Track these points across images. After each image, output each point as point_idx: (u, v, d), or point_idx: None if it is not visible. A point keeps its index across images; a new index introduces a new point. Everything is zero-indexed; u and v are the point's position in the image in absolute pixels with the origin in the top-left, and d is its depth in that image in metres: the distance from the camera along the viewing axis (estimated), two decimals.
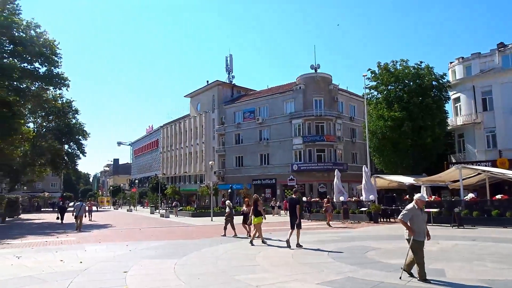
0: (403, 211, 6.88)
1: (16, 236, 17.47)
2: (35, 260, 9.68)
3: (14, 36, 27.85)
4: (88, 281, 7.10)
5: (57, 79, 30.58)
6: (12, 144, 35.14)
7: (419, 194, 7.10)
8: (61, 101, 46.81)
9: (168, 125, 70.48)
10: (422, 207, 6.92)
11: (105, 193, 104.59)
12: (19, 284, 6.89)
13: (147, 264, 8.83)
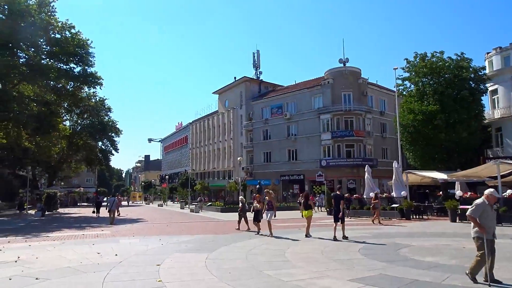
0: (471, 206, 6.32)
1: (55, 229, 18.30)
2: (73, 252, 10.11)
3: (51, 37, 28.98)
4: (123, 273, 7.34)
5: (91, 78, 31.62)
6: (51, 142, 36.75)
7: (490, 189, 6.46)
8: (95, 99, 48.54)
9: (197, 121, 71.46)
10: (493, 203, 6.37)
11: (137, 189, 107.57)
12: (61, 274, 7.22)
13: (179, 258, 9.03)
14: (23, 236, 14.93)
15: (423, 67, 30.91)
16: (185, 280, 6.70)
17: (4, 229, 18.39)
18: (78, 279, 6.85)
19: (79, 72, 31.19)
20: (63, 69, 30.40)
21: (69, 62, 30.59)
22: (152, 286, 6.26)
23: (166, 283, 6.43)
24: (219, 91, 62.74)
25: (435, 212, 23.74)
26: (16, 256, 9.41)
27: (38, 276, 6.98)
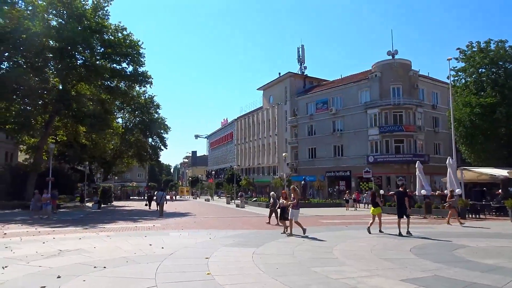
0: None
1: (110, 221, 19.37)
2: (128, 243, 10.63)
3: (105, 39, 30.55)
4: (174, 265, 7.60)
5: (141, 77, 32.98)
6: (105, 138, 38.88)
7: None
8: (145, 97, 50.63)
9: (242, 118, 72.24)
10: None
11: (184, 184, 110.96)
12: (117, 264, 7.62)
13: (226, 252, 9.20)
14: (82, 226, 15.96)
15: (484, 57, 28.92)
16: (233, 274, 6.80)
17: (66, 220, 19.80)
18: (133, 269, 7.19)
19: (130, 72, 32.63)
20: (116, 69, 31.96)
21: (122, 62, 32.09)
22: (201, 278, 6.42)
23: (215, 276, 6.57)
24: (264, 87, 62.90)
25: (494, 211, 22.25)
26: (77, 245, 10.07)
27: (97, 265, 7.41)
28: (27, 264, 7.51)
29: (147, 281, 6.15)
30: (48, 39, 28.45)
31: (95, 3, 30.22)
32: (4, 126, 33.58)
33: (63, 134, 36.66)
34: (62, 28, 28.17)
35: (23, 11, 28.47)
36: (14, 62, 30.05)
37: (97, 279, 6.32)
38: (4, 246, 9.81)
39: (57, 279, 6.26)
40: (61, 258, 8.28)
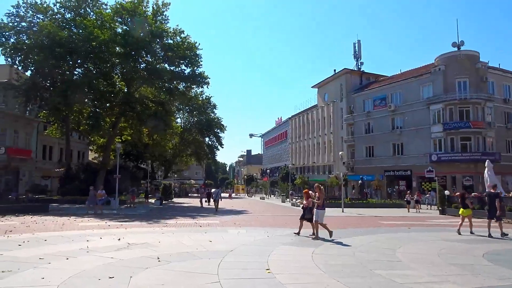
0: None
1: (172, 217, 20.26)
2: (189, 239, 11.04)
3: (165, 43, 31.98)
4: (235, 261, 7.76)
5: (199, 78, 34.05)
6: (166, 138, 40.76)
7: None
8: (202, 97, 52.27)
9: (296, 116, 71.86)
10: None
11: (239, 182, 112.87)
12: (181, 258, 7.95)
13: (285, 251, 9.21)
14: (147, 221, 16.88)
15: None
16: (293, 273, 6.79)
17: (132, 215, 21.05)
18: (196, 264, 7.45)
19: (188, 73, 33.83)
20: (175, 71, 33.32)
21: (180, 64, 33.37)
22: (262, 276, 6.48)
23: (276, 274, 6.60)
24: (318, 85, 62.02)
25: None
26: (143, 239, 10.67)
27: (163, 259, 7.78)
28: (100, 255, 8.09)
29: (210, 277, 6.34)
30: (114, 45, 30.40)
31: (155, 9, 31.72)
32: (78, 128, 36.63)
33: (128, 134, 39.00)
34: (126, 35, 29.94)
35: (93, 21, 30.69)
36: (85, 69, 32.56)
37: (164, 273, 6.64)
38: (79, 238, 10.66)
39: (127, 270, 6.68)
40: (129, 251, 8.82)
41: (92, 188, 22.83)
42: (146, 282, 5.94)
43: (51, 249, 8.71)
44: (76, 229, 13.48)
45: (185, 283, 5.93)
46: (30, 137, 41.75)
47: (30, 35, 31.27)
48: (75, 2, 32.63)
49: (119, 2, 30.84)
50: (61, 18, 32.40)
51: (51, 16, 31.87)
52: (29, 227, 13.91)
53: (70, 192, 31.81)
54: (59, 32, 29.28)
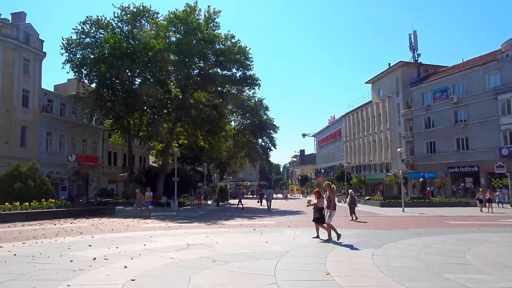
0: None
1: (228, 218, 20.65)
2: (246, 239, 11.14)
3: (216, 48, 32.78)
4: (292, 263, 7.67)
5: (250, 81, 34.47)
6: (220, 141, 41.74)
7: None
8: (254, 100, 52.82)
9: (350, 114, 70.04)
10: None
11: (294, 182, 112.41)
12: (238, 259, 8.03)
13: (343, 252, 8.95)
14: (205, 223, 17.36)
15: None
16: (353, 276, 6.56)
17: (191, 217, 21.77)
18: (253, 264, 7.48)
19: (240, 76, 34.39)
20: (227, 75, 34.03)
21: (232, 68, 34.03)
22: (321, 278, 6.33)
23: (335, 276, 6.41)
24: (372, 80, 59.91)
25: None
26: (202, 240, 10.95)
27: (220, 259, 7.91)
28: (162, 255, 8.42)
29: (267, 278, 6.32)
30: (169, 53, 31.74)
31: (207, 16, 32.61)
32: (138, 134, 38.76)
33: (184, 139, 40.48)
34: (180, 42, 31.12)
35: (149, 31, 32.30)
36: (143, 78, 34.34)
37: (222, 273, 6.74)
38: (142, 239, 11.20)
39: (187, 270, 6.87)
40: (189, 251, 9.08)
41: (138, 191, 23.38)
42: (205, 282, 6.06)
43: (117, 249, 9.23)
44: (139, 230, 14.19)
45: (242, 284, 5.96)
46: (97, 145, 44.90)
47: (93, 49, 33.69)
48: (132, 15, 34.60)
49: (172, 12, 32.12)
50: (120, 31, 34.50)
51: (111, 31, 34.06)
52: (98, 228, 14.91)
53: (134, 195, 33.65)
54: (119, 45, 31.20)
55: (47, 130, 36.78)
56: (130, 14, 34.61)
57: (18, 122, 33.04)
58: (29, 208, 19.46)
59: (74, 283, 5.92)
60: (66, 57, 33.78)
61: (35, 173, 22.80)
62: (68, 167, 38.08)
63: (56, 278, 6.19)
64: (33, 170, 22.78)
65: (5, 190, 20.98)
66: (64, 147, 39.20)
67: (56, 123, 37.88)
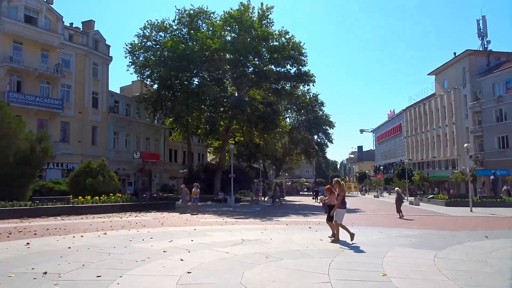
0: None
1: (284, 214, 20.68)
2: (300, 236, 11.08)
3: (271, 45, 32.91)
4: (347, 262, 7.49)
5: (305, 77, 34.18)
6: (275, 138, 41.94)
7: None
8: (309, 96, 52.27)
9: (411, 108, 66.63)
10: None
11: (351, 179, 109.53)
12: (292, 256, 8.00)
13: (402, 253, 8.55)
14: (260, 219, 17.55)
15: None
16: (412, 278, 6.24)
17: (246, 212, 22.14)
18: (307, 262, 7.42)
19: (294, 73, 34.23)
20: (281, 72, 34.04)
21: (286, 65, 33.96)
22: (377, 279, 6.11)
23: (392, 278, 6.15)
24: (436, 72, 56.39)
25: None
26: (256, 236, 11.09)
27: (274, 256, 7.95)
28: (217, 250, 8.65)
29: (320, 276, 6.23)
30: (224, 52, 32.47)
31: (260, 14, 32.83)
32: (197, 132, 40.24)
33: (240, 136, 41.22)
34: (234, 41, 31.69)
35: (205, 32, 33.28)
36: (201, 77, 35.52)
37: (276, 269, 6.76)
38: (199, 233, 11.60)
39: (241, 265, 7.00)
40: (243, 246, 9.24)
41: (184, 186, 23.69)
42: (258, 277, 6.12)
43: (176, 242, 9.66)
44: (197, 224, 14.71)
45: (295, 281, 5.94)
46: (159, 143, 47.29)
47: (154, 52, 35.49)
48: (189, 17, 35.88)
49: (227, 12, 32.80)
50: (179, 33, 35.96)
51: (171, 33, 35.63)
52: (159, 222, 15.73)
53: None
54: (178, 46, 32.55)
55: (114, 129, 39.45)
56: (188, 16, 35.91)
57: (89, 123, 35.82)
58: (99, 202, 21.04)
59: (135, 273, 6.30)
60: (130, 60, 35.99)
61: (104, 170, 24.56)
62: (133, 164, 40.55)
63: (120, 268, 6.63)
64: (102, 167, 24.55)
65: (79, 185, 22.88)
66: (129, 145, 41.82)
67: (122, 123, 40.50)
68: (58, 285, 5.44)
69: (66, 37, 34.63)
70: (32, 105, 30.41)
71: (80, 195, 21.18)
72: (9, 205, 17.29)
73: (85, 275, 6.09)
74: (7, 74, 29.79)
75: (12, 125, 20.33)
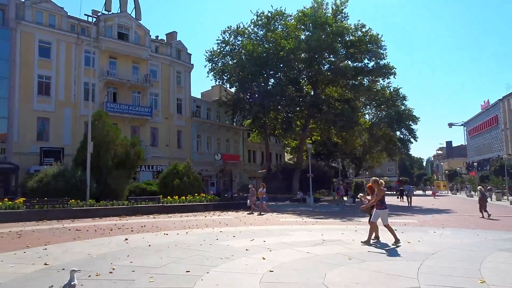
0: None
1: (363, 214, 19.87)
2: (384, 238, 10.58)
3: (346, 40, 32.02)
4: (438, 266, 6.98)
5: (384, 70, 32.61)
6: (354, 135, 40.66)
7: None
8: (389, 90, 49.62)
9: (509, 96, 59.58)
10: None
11: (440, 178, 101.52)
12: (376, 258, 7.71)
13: (504, 258, 7.70)
14: (340, 219, 17.18)
15: None
16: None
17: (326, 212, 21.82)
18: (392, 265, 7.08)
19: (372, 67, 32.87)
20: (358, 67, 32.94)
21: (363, 59, 32.76)
22: (473, 286, 5.60)
23: (492, 285, 5.58)
24: None
25: None
26: (337, 236, 10.88)
27: (356, 257, 7.72)
28: (298, 250, 8.67)
29: (408, 280, 5.90)
30: (299, 52, 32.40)
31: (334, 9, 32.12)
32: (274, 132, 40.79)
33: (317, 135, 40.75)
34: (309, 39, 31.46)
35: (280, 33, 33.59)
36: (276, 78, 35.95)
37: (359, 271, 6.57)
38: (280, 233, 11.74)
39: (323, 266, 6.93)
40: (324, 247, 9.13)
41: (251, 186, 23.64)
42: (341, 279, 6.01)
43: (257, 241, 9.90)
44: (277, 224, 14.90)
45: (381, 284, 5.71)
46: (238, 144, 48.92)
47: (232, 56, 36.85)
48: (266, 19, 36.51)
49: (300, 11, 32.70)
50: (255, 36, 36.82)
51: (248, 36, 36.64)
52: (241, 221, 16.26)
53: (272, 191, 35.50)
54: (256, 49, 33.36)
55: (197, 132, 41.77)
56: (265, 18, 36.56)
57: (174, 127, 38.44)
58: (185, 201, 22.45)
59: (220, 270, 6.61)
60: (209, 67, 37.82)
61: (189, 171, 26.14)
62: (215, 165, 42.49)
63: (206, 264, 7.01)
64: (187, 168, 26.16)
65: (167, 186, 24.69)
66: (211, 147, 43.94)
67: (204, 126, 42.72)
68: (153, 278, 5.94)
69: (153, 49, 37.63)
70: (126, 114, 33.61)
71: (168, 195, 22.83)
72: (110, 204, 19.37)
73: (175, 270, 6.57)
74: (105, 87, 33.37)
75: (110, 132, 22.73)
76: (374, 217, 9.65)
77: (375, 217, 9.64)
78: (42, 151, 29.04)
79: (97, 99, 31.34)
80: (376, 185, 9.72)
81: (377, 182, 9.79)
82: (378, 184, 9.73)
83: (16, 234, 11.45)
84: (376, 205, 9.67)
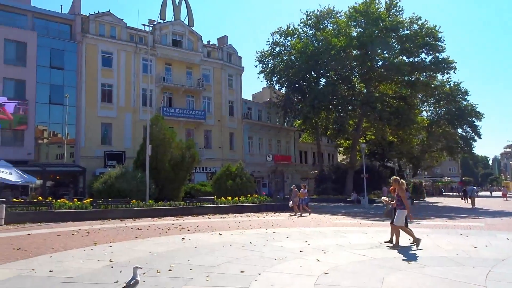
0: None
1: (424, 217, 18.96)
2: (446, 242, 10.00)
3: (401, 35, 30.72)
4: (509, 273, 6.47)
5: (443, 64, 30.85)
6: (411, 134, 38.84)
7: None
8: (449, 85, 46.72)
9: None
10: None
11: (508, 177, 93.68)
12: (438, 263, 7.28)
13: None
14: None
15: None
16: None
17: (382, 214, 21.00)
18: (457, 271, 6.65)
19: (430, 61, 31.24)
20: (414, 62, 31.44)
21: (419, 53, 31.22)
22: None
23: None
24: None
25: None
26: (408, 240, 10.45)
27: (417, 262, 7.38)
28: (353, 252, 8.45)
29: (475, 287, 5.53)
30: (351, 49, 31.63)
31: (388, 3, 30.95)
32: (326, 132, 40.17)
33: (371, 134, 39.47)
34: (361, 36, 30.60)
35: (330, 31, 33.04)
36: (327, 77, 35.39)
37: (420, 276, 6.26)
38: (334, 235, 11.52)
39: (380, 269, 6.69)
40: (381, 250, 8.82)
41: (294, 187, 22.66)
42: (400, 284, 5.78)
43: (311, 242, 9.80)
44: (331, 225, 14.65)
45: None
46: (289, 145, 48.79)
47: (282, 57, 36.89)
48: (315, 18, 36.13)
49: (352, 7, 31.93)
50: (305, 36, 36.57)
51: (297, 36, 36.49)
52: (294, 222, 16.21)
53: (324, 192, 34.99)
54: (304, 49, 33.13)
55: (249, 134, 42.30)
56: (314, 17, 36.21)
57: (227, 129, 39.26)
58: (238, 202, 22.80)
59: (274, 270, 6.63)
60: (260, 69, 38.17)
61: (241, 172, 26.53)
62: (266, 166, 42.73)
63: (260, 264, 7.07)
64: (240, 170, 26.57)
65: (221, 187, 25.27)
66: (262, 148, 44.27)
67: (255, 128, 43.16)
68: (209, 276, 6.11)
69: (205, 54, 38.76)
70: (181, 117, 34.93)
71: (222, 196, 23.35)
72: (167, 204, 20.24)
73: (231, 269, 6.70)
74: (161, 92, 34.96)
75: (167, 136, 23.75)
76: (397, 218, 9.23)
77: (398, 218, 9.24)
78: (106, 154, 31.05)
79: (154, 104, 32.90)
80: (396, 184, 9.41)
81: (397, 182, 9.44)
82: (399, 184, 9.40)
83: (85, 232, 12.35)
84: (397, 205, 9.38)
